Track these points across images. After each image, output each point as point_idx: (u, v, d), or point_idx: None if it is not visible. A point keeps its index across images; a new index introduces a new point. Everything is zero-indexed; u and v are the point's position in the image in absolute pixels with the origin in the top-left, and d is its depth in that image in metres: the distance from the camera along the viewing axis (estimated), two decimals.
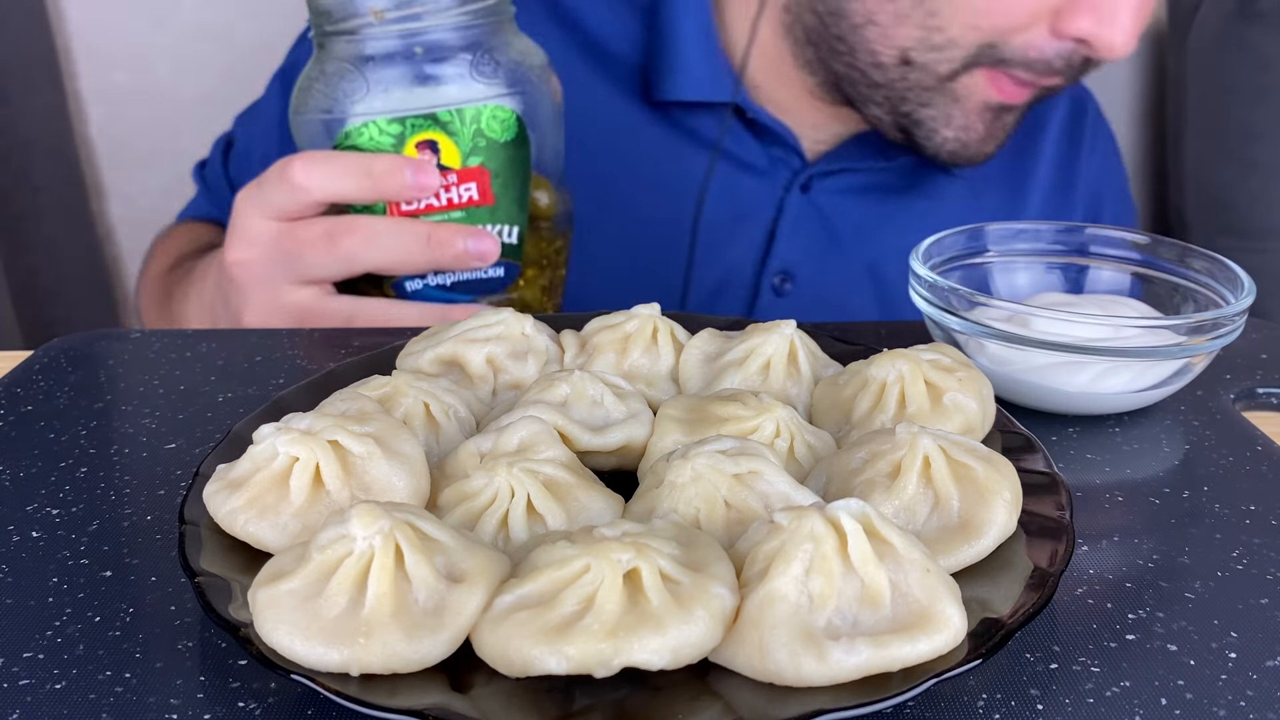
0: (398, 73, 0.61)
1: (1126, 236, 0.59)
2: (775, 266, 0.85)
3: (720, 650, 0.32)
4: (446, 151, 0.62)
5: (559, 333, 0.52)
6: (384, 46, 0.60)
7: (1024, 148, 0.89)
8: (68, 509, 0.44)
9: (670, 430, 0.42)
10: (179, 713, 0.33)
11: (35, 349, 0.60)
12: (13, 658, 0.35)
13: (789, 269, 0.85)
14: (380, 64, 0.60)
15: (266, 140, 0.88)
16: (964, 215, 0.85)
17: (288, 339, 0.61)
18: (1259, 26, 1.27)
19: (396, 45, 0.60)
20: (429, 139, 0.61)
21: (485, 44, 0.62)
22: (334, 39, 0.61)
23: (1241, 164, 1.32)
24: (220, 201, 0.91)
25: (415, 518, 0.34)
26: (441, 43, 0.61)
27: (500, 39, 0.63)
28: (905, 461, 0.38)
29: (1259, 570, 0.40)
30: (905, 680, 0.30)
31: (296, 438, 0.37)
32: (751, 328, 0.49)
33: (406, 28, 0.60)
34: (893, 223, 0.85)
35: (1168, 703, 0.33)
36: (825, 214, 0.84)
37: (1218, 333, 0.49)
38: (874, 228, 0.85)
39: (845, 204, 0.84)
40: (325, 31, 0.61)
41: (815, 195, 0.84)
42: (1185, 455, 0.49)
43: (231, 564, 0.36)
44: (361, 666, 0.31)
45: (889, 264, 0.85)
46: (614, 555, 0.31)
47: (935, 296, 0.52)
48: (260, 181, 0.62)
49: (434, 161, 0.62)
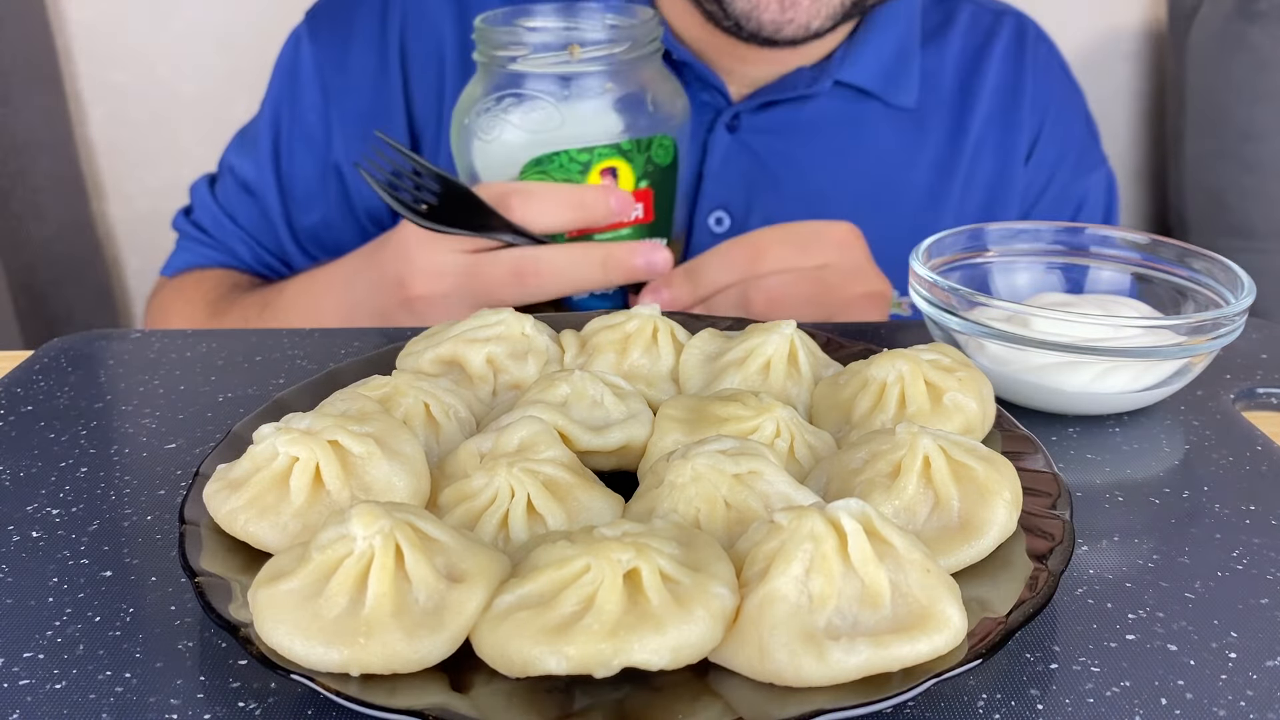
0: (590, 107, 0.66)
1: (1126, 236, 0.59)
2: (708, 206, 0.85)
3: (720, 650, 0.32)
4: (623, 176, 0.68)
5: (559, 333, 0.52)
6: (580, 83, 0.66)
7: (966, 76, 0.89)
8: (68, 509, 0.44)
9: (670, 430, 0.42)
10: (179, 713, 0.33)
11: (35, 349, 0.60)
12: (13, 658, 0.35)
13: (726, 207, 0.85)
14: (574, 98, 0.66)
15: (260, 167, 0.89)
16: (904, 146, 0.86)
17: (288, 339, 0.61)
18: (1259, 26, 1.27)
19: (590, 82, 0.66)
20: (611, 166, 0.67)
21: (654, 79, 0.69)
22: (528, 77, 0.66)
23: (1241, 164, 1.32)
24: (225, 244, 0.91)
25: (415, 518, 0.34)
26: (626, 79, 0.67)
27: (661, 72, 0.70)
28: (905, 461, 0.38)
29: (1259, 570, 0.40)
30: (905, 680, 0.30)
31: (296, 438, 0.37)
32: (751, 328, 0.49)
33: (599, 67, 0.65)
34: (829, 157, 0.85)
35: (1168, 703, 0.33)
36: (756, 152, 0.84)
37: (1218, 333, 0.49)
38: (810, 163, 0.85)
39: (776, 142, 0.84)
40: (514, 66, 0.66)
41: (744, 134, 0.84)
42: (1185, 455, 0.49)
43: (231, 564, 0.36)
44: (361, 666, 0.31)
45: (830, 198, 0.85)
46: (614, 555, 0.31)
47: (935, 296, 0.52)
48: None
49: (616, 186, 0.68)
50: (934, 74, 0.88)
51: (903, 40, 0.86)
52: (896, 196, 0.86)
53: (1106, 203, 0.94)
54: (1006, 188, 0.88)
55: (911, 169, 0.86)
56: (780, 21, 0.76)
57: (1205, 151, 1.36)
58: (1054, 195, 0.91)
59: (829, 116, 0.85)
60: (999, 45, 0.90)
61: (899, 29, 0.86)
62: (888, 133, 0.86)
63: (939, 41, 0.89)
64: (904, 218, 0.85)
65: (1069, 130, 0.92)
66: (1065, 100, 0.94)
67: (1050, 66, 0.93)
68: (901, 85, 0.86)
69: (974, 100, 0.88)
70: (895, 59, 0.86)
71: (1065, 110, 0.93)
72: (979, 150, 0.88)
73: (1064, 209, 0.91)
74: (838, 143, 0.85)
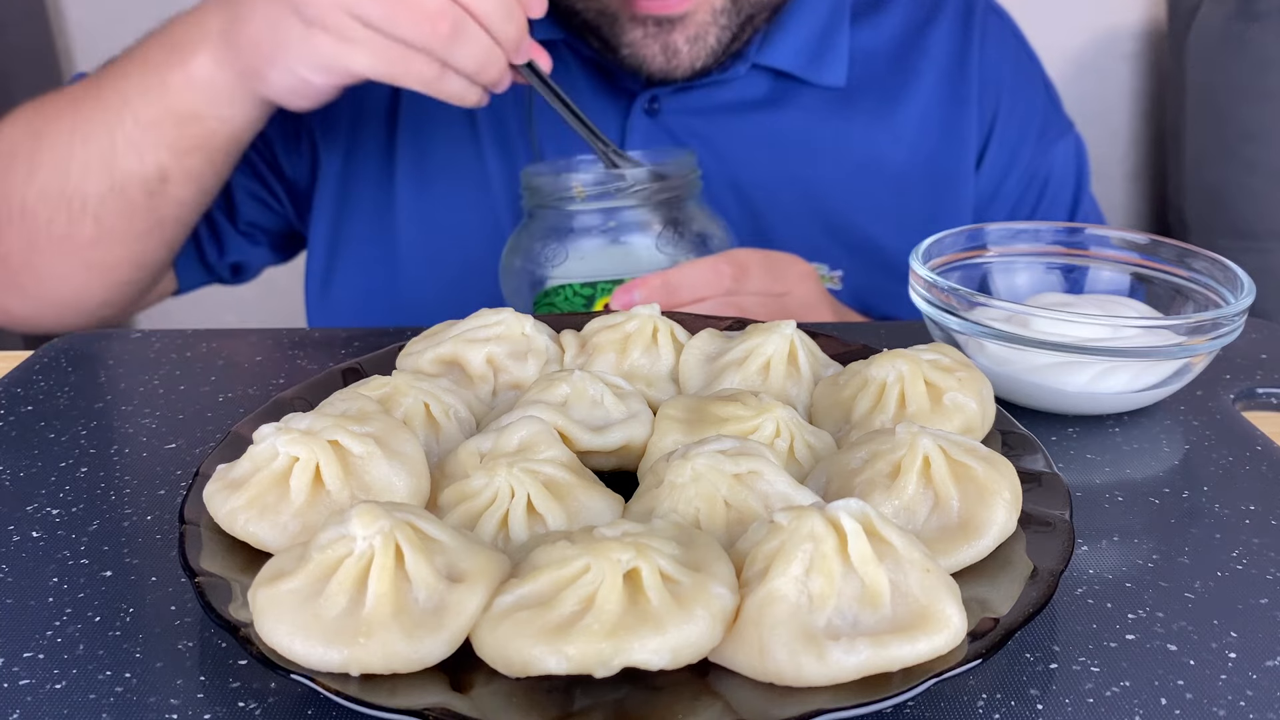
0: (593, 244, 0.68)
1: (1126, 236, 0.59)
2: None
3: (720, 650, 0.32)
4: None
5: (559, 333, 0.52)
6: (583, 221, 0.67)
7: (904, 52, 0.87)
8: (68, 509, 0.44)
9: (670, 430, 0.42)
10: (179, 713, 0.33)
11: (35, 349, 0.60)
12: (13, 658, 0.35)
13: None
14: (579, 235, 0.68)
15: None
16: (830, 127, 0.84)
17: (287, 339, 0.61)
18: (1259, 26, 1.27)
19: (594, 220, 0.68)
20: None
21: (673, 217, 0.69)
22: (542, 210, 0.68)
23: (1241, 164, 1.32)
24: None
25: (415, 518, 0.34)
26: (634, 219, 0.68)
27: (686, 213, 0.70)
28: (905, 461, 0.38)
29: (1259, 570, 0.40)
30: (905, 680, 0.30)
31: (297, 438, 0.37)
32: (751, 328, 0.49)
33: (605, 205, 0.67)
34: (749, 139, 0.84)
35: (1168, 703, 0.33)
36: (676, 135, 0.83)
37: (1218, 333, 0.49)
38: (733, 147, 0.84)
39: (697, 124, 0.84)
40: (535, 204, 0.68)
41: (664, 118, 0.83)
42: (1185, 455, 0.49)
43: (231, 564, 0.36)
44: (361, 666, 0.31)
45: (754, 183, 0.84)
46: (614, 555, 0.31)
47: (935, 297, 0.52)
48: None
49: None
50: (868, 50, 0.86)
51: (827, 21, 0.85)
52: (820, 177, 0.84)
53: (1077, 169, 0.91)
54: (955, 165, 0.86)
55: (838, 150, 0.85)
56: (667, 69, 0.79)
57: (1205, 152, 1.36)
58: (1020, 172, 0.89)
59: (748, 99, 0.84)
60: (944, 19, 0.88)
61: (821, 10, 0.85)
62: (812, 114, 0.85)
63: (875, 17, 0.87)
64: (829, 198, 0.84)
65: (1030, 105, 0.90)
66: (1021, 73, 0.91)
67: (1004, 39, 0.91)
68: (826, 65, 0.84)
69: (914, 77, 0.86)
70: (818, 39, 0.84)
71: (1022, 84, 0.90)
72: (922, 127, 0.86)
73: (1031, 186, 0.89)
74: (757, 125, 0.84)
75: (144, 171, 0.72)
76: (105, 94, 0.73)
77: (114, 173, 0.72)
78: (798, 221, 0.83)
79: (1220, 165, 1.34)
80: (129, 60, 0.74)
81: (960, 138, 0.86)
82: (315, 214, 0.87)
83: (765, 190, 0.83)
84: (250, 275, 0.93)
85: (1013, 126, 0.88)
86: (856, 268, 0.84)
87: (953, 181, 0.86)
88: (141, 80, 0.71)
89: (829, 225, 0.84)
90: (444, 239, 0.84)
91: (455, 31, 0.62)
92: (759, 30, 0.82)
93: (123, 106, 0.72)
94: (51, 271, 0.77)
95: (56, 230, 0.74)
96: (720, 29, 0.78)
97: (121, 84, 0.72)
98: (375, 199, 0.85)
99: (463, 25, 0.63)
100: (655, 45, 0.77)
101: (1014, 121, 0.88)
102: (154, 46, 0.73)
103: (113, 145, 0.72)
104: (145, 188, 0.73)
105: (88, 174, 0.73)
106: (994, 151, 0.88)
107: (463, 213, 0.84)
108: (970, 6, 0.90)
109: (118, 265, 0.77)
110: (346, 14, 0.63)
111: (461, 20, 0.63)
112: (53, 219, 0.74)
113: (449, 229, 0.84)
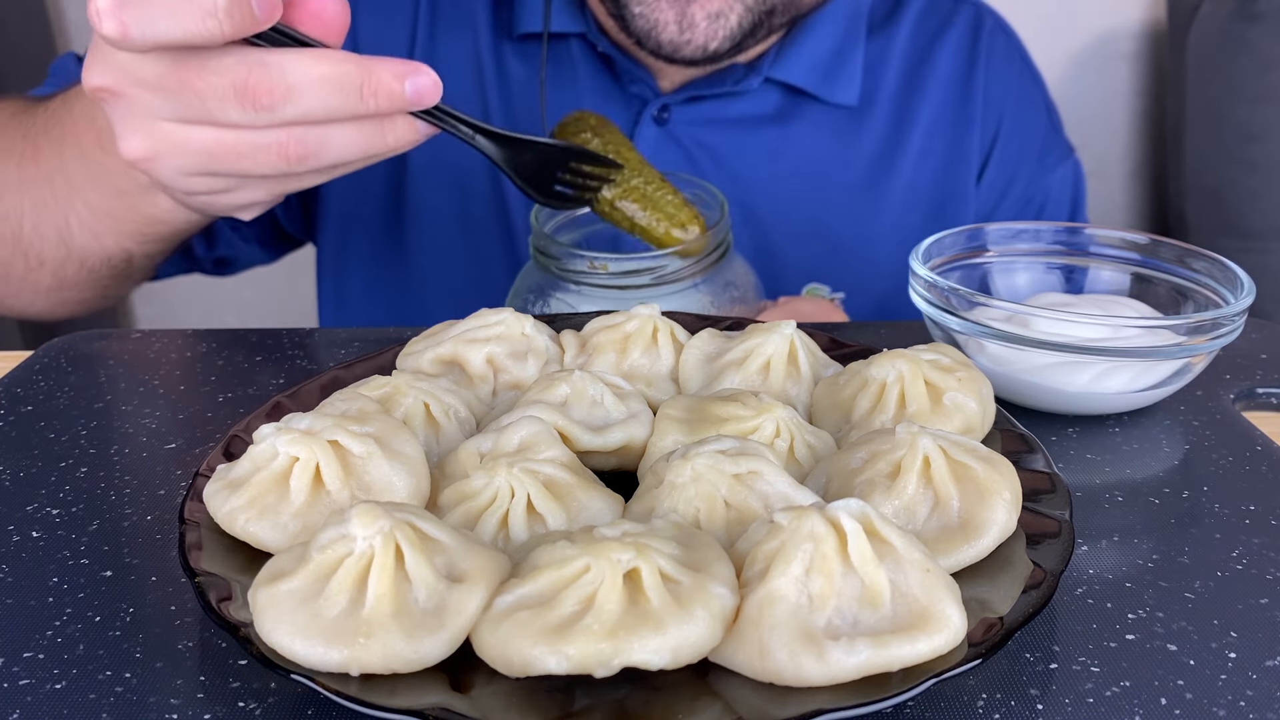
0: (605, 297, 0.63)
1: (1126, 237, 0.59)
2: None
3: (720, 650, 0.32)
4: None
5: (559, 333, 0.52)
6: (595, 294, 0.63)
7: (913, 68, 0.87)
8: (68, 509, 0.44)
9: (670, 430, 0.42)
10: (179, 713, 0.33)
11: (35, 349, 0.60)
12: (13, 658, 0.35)
13: None
14: (590, 292, 0.63)
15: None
16: (839, 145, 0.84)
17: (287, 339, 0.61)
18: (1259, 26, 1.27)
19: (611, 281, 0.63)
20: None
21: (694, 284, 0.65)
22: (555, 279, 0.64)
23: (1241, 164, 1.32)
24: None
25: (415, 518, 0.34)
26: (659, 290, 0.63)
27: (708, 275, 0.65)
28: (905, 461, 0.38)
29: (1259, 570, 0.40)
30: (905, 680, 0.30)
31: (297, 438, 0.37)
32: (751, 328, 0.49)
33: (621, 284, 0.62)
34: (762, 153, 0.84)
35: (1168, 703, 0.33)
36: (685, 146, 0.83)
37: (1218, 333, 0.49)
38: (740, 159, 0.84)
39: (706, 135, 0.83)
40: (550, 270, 0.63)
41: (673, 127, 0.83)
42: (1185, 455, 0.49)
43: (231, 564, 0.36)
44: (361, 666, 0.31)
45: (760, 198, 0.83)
46: (614, 555, 0.31)
47: (935, 296, 0.52)
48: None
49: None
50: (879, 66, 0.86)
51: (842, 39, 0.84)
52: (826, 195, 0.84)
53: (1074, 195, 0.91)
54: (957, 184, 0.86)
55: (845, 168, 0.84)
56: (678, 42, 0.75)
57: (1205, 151, 1.36)
58: (1016, 195, 0.89)
59: (759, 113, 0.84)
60: (952, 36, 0.88)
61: (838, 28, 0.84)
62: (822, 131, 0.84)
63: (887, 31, 0.87)
64: (833, 216, 0.84)
65: (1031, 128, 0.90)
66: (1025, 95, 0.91)
67: (1010, 59, 0.90)
68: (840, 83, 0.84)
69: (920, 94, 0.86)
70: (832, 57, 0.84)
71: (1025, 106, 0.90)
72: (926, 145, 0.86)
73: (1027, 209, 0.89)
74: (766, 140, 0.84)
75: (105, 252, 0.68)
76: (46, 163, 0.66)
77: (71, 247, 0.68)
78: (802, 239, 0.83)
79: (1220, 165, 1.34)
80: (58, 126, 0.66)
81: (964, 157, 0.87)
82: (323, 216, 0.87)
83: (771, 206, 0.83)
84: (234, 270, 0.91)
85: (1012, 148, 0.88)
86: (859, 288, 0.84)
87: (956, 201, 0.87)
88: (80, 162, 0.64)
89: (832, 244, 0.84)
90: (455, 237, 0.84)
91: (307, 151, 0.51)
92: (776, 34, 0.81)
93: (70, 191, 0.65)
94: (14, 301, 0.74)
95: (14, 273, 0.71)
96: (744, 10, 0.75)
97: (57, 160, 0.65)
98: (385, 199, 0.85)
99: (305, 139, 0.51)
100: (671, 13, 0.74)
101: (1014, 144, 0.88)
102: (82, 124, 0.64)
103: (67, 224, 0.67)
104: (108, 264, 0.69)
105: (43, 240, 0.68)
106: (992, 172, 0.88)
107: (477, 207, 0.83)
108: (979, 23, 0.89)
109: (84, 301, 0.74)
110: (192, 177, 0.53)
111: (304, 135, 0.51)
112: (10, 264, 0.70)
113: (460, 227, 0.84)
